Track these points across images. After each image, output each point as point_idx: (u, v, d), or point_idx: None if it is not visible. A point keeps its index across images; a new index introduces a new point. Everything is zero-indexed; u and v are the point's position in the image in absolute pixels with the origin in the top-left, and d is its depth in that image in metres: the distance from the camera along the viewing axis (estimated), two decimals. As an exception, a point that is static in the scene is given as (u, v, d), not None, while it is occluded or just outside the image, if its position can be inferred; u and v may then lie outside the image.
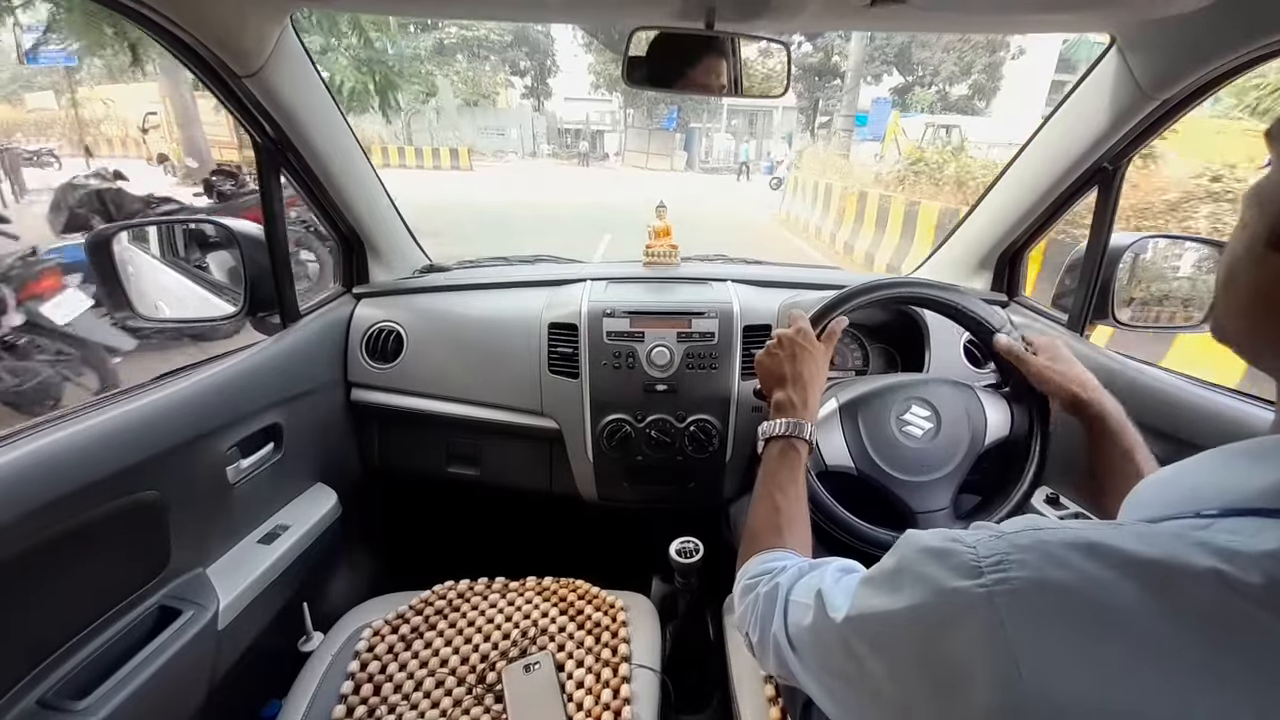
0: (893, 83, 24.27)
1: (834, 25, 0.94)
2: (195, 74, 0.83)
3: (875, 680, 0.35)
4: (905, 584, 0.34)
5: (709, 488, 1.16)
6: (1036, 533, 0.31)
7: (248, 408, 0.90)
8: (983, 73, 22.67)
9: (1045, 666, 0.27)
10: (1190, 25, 0.72)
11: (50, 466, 0.62)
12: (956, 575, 0.31)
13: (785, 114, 25.99)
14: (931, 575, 0.33)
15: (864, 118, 22.22)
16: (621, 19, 0.87)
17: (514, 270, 1.38)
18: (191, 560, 0.81)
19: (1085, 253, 1.01)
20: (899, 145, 18.27)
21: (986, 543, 0.31)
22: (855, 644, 0.37)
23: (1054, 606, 0.28)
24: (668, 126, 25.50)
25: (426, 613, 0.92)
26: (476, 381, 1.15)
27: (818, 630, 0.42)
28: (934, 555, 0.34)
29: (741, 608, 0.53)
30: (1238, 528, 0.27)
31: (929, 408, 0.81)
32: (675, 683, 0.90)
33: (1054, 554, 0.29)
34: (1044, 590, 0.28)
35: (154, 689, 0.69)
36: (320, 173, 1.03)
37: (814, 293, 1.16)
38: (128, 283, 0.90)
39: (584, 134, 27.71)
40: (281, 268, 1.00)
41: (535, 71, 26.99)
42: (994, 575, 0.29)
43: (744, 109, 26.57)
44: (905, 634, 0.33)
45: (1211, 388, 0.84)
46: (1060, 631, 0.27)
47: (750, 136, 26.78)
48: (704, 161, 25.56)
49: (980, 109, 24.36)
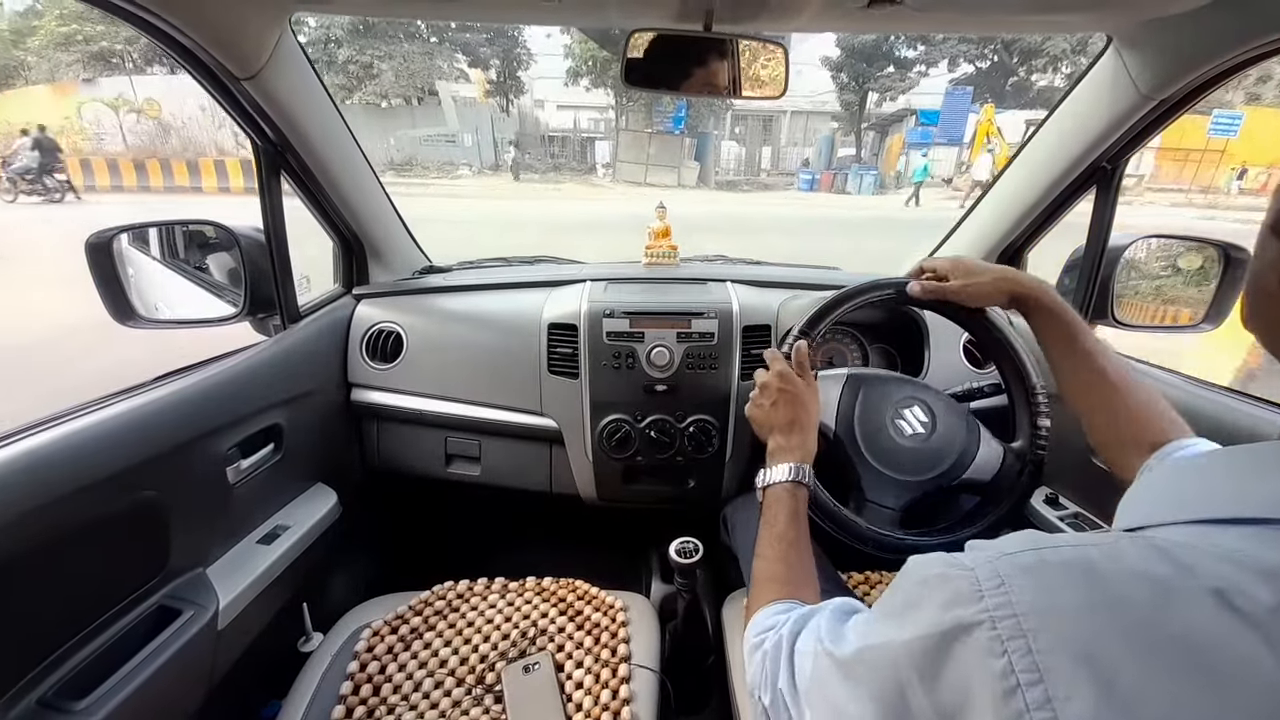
0: (967, 68, 19.54)
1: (831, 27, 0.94)
2: (195, 77, 0.83)
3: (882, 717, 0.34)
4: (907, 616, 0.34)
5: (708, 488, 1.16)
6: (1038, 552, 0.30)
7: (248, 408, 0.91)
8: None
9: (1047, 692, 0.26)
10: (1187, 26, 0.72)
11: (50, 465, 0.62)
12: (956, 603, 0.31)
13: (812, 118, 23.47)
14: (931, 605, 0.32)
15: (934, 114, 18.88)
16: (621, 21, 0.87)
17: (514, 271, 1.38)
18: (191, 560, 0.81)
19: (1084, 252, 1.01)
20: (995, 152, 15.55)
21: (985, 565, 0.31)
22: (859, 682, 0.36)
23: (1055, 631, 0.27)
24: (674, 128, 19.33)
25: (426, 613, 0.92)
26: (476, 382, 1.15)
27: (819, 675, 0.41)
28: (932, 584, 0.33)
29: (751, 669, 0.51)
30: (1245, 538, 0.27)
31: (929, 415, 0.81)
32: (674, 683, 0.90)
33: (1055, 576, 0.29)
34: (1045, 615, 0.28)
35: (154, 689, 0.69)
36: (320, 174, 1.03)
37: (812, 293, 1.16)
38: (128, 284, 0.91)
39: (570, 141, 22.24)
40: (282, 269, 1.00)
41: (501, 62, 20.57)
42: (995, 599, 0.29)
43: (755, 112, 22.69)
44: (908, 666, 0.32)
45: (1214, 389, 0.84)
46: (1061, 658, 0.26)
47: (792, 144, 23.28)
48: (718, 173, 20.53)
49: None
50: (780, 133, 24.19)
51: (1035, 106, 18.25)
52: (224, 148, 14.28)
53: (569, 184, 17.93)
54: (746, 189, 19.51)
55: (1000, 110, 17.02)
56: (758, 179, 22.05)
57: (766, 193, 18.79)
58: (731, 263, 1.45)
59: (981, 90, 19.21)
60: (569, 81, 19.21)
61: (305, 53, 0.92)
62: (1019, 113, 17.53)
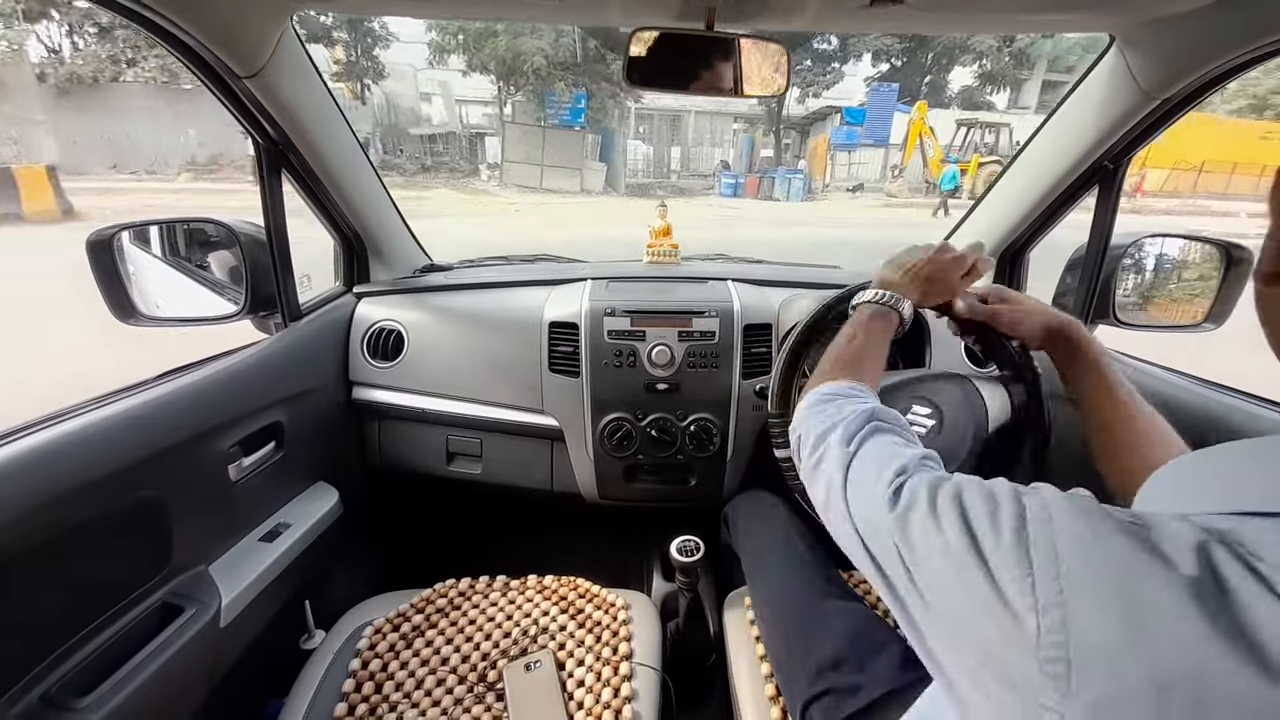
0: (884, 65, 18.33)
1: (833, 26, 0.94)
2: (196, 75, 0.83)
3: (920, 564, 0.35)
4: (949, 508, 0.34)
5: (709, 487, 1.16)
6: (1085, 499, 0.32)
7: (249, 406, 0.91)
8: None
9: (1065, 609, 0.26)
10: (1189, 25, 0.72)
11: (52, 463, 0.62)
12: (999, 496, 0.33)
13: (716, 119, 21.12)
14: (977, 498, 0.33)
15: (860, 112, 17.90)
16: (622, 19, 0.87)
17: (515, 269, 1.38)
18: (193, 558, 0.81)
19: (1086, 251, 1.01)
20: (929, 155, 15.02)
21: (1030, 494, 0.32)
22: (902, 539, 0.36)
23: (1087, 562, 0.27)
24: (571, 121, 15.56)
25: (428, 611, 0.93)
26: (477, 380, 1.15)
27: (871, 505, 0.41)
28: (978, 486, 0.35)
29: (806, 429, 0.52)
30: (1267, 530, 0.26)
31: (929, 405, 0.81)
32: (676, 681, 0.90)
33: (1100, 520, 0.29)
34: (1082, 546, 0.28)
35: (156, 686, 0.69)
36: (321, 172, 1.03)
37: (815, 291, 1.16)
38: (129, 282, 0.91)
39: (456, 138, 18.33)
40: (283, 267, 1.00)
41: (352, 38, 16.62)
42: (1031, 499, 0.31)
43: (662, 110, 20.23)
44: (956, 543, 0.33)
45: (1220, 389, 0.84)
46: (1085, 585, 0.27)
47: (675, 142, 20.75)
48: (631, 175, 17.48)
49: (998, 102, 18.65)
50: (688, 132, 22.04)
51: (952, 106, 17.58)
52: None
53: (441, 189, 14.70)
54: (660, 194, 16.41)
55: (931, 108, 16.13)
56: (669, 181, 19.74)
57: (684, 199, 15.98)
58: (732, 261, 1.46)
59: (904, 90, 18.35)
60: (434, 60, 16.27)
61: (307, 50, 0.92)
62: (945, 111, 16.84)
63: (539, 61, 14.58)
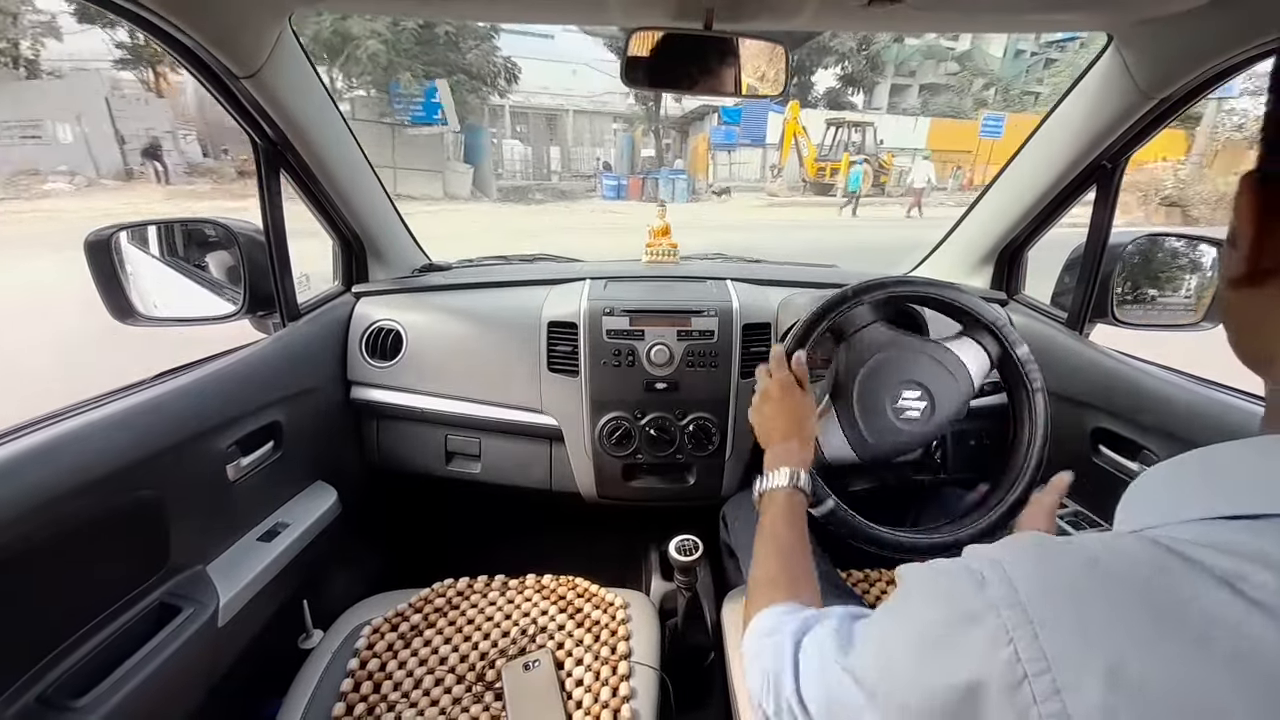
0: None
1: (832, 25, 0.94)
2: (194, 75, 0.83)
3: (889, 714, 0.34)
4: (910, 610, 0.34)
5: (708, 486, 1.16)
6: (1040, 547, 0.30)
7: (247, 406, 0.91)
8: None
9: (1055, 682, 0.26)
10: (1187, 24, 0.72)
11: (50, 463, 0.62)
12: (960, 589, 0.31)
13: (595, 119, 19.93)
14: (932, 597, 0.32)
15: (736, 112, 17.28)
16: (621, 19, 0.87)
17: (514, 269, 1.38)
18: (192, 557, 0.81)
19: (1084, 250, 1.01)
20: (804, 154, 15.03)
21: (986, 560, 0.31)
22: (863, 681, 0.35)
23: (1060, 618, 0.27)
24: (426, 118, 13.12)
25: (426, 610, 0.93)
26: (476, 380, 1.15)
27: (825, 675, 0.40)
28: (934, 576, 0.33)
29: (753, 676, 0.49)
30: (1239, 531, 0.26)
31: (918, 388, 0.81)
32: (674, 681, 0.90)
33: (1058, 566, 0.28)
34: (1050, 602, 0.27)
35: (154, 686, 0.69)
36: (320, 172, 1.03)
37: (812, 290, 1.16)
38: (127, 282, 0.91)
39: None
40: (281, 267, 1.00)
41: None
42: (999, 590, 0.29)
43: (538, 109, 18.88)
44: (914, 658, 0.32)
45: (1215, 387, 0.84)
46: (1067, 646, 0.26)
47: (545, 142, 19.16)
48: (501, 176, 15.87)
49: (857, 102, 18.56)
50: (567, 131, 20.87)
51: (819, 105, 17.70)
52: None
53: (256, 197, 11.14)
54: (540, 198, 15.24)
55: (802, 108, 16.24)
56: (550, 184, 18.47)
57: (566, 203, 14.71)
58: (731, 261, 1.46)
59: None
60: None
61: (305, 51, 0.92)
62: (814, 111, 16.94)
63: (375, 47, 12.15)
